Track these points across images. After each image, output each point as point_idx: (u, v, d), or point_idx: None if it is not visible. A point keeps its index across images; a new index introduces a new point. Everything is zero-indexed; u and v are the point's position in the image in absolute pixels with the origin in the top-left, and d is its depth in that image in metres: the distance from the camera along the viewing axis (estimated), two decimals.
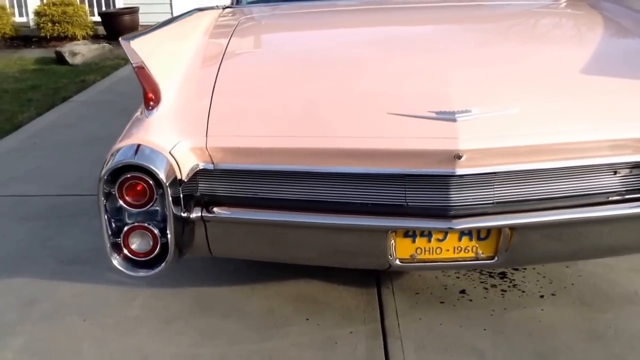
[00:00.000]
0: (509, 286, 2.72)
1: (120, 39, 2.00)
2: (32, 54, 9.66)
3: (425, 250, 2.08)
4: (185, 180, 1.98)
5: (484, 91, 2.05)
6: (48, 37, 10.50)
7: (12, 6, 11.93)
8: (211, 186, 2.09)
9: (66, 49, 8.42)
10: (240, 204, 2.09)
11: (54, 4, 10.67)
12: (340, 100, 2.10)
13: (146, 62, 1.96)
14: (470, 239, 2.06)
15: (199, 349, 2.37)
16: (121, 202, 1.91)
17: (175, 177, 1.94)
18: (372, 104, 2.05)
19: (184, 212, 2.00)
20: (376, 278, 2.81)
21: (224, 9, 3.49)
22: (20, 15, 12.00)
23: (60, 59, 8.50)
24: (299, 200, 2.06)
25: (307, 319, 2.54)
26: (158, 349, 2.38)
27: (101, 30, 11.04)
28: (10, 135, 5.33)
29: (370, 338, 2.41)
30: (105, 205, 1.92)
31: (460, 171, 1.91)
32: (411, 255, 2.09)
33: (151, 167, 1.86)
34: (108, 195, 1.92)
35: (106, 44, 9.21)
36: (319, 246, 2.13)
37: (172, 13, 11.36)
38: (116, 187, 1.89)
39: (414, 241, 2.07)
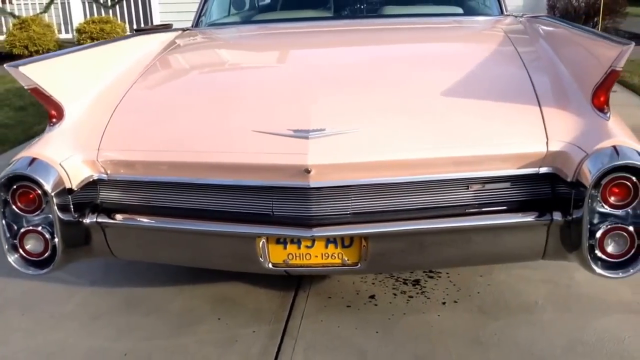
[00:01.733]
0: (417, 293, 2.86)
1: (5, 65, 2.27)
2: None
3: (296, 256, 2.26)
4: (77, 189, 2.22)
5: (342, 111, 2.22)
6: None
7: (58, 22, 12.66)
8: (108, 194, 2.33)
9: None
10: (134, 211, 2.32)
11: (93, 22, 11.30)
12: (215, 119, 2.33)
13: (42, 84, 2.22)
14: (336, 247, 2.23)
15: (111, 343, 2.60)
16: (15, 208, 2.17)
17: (64, 187, 2.18)
18: (242, 122, 2.26)
19: (75, 218, 2.24)
20: (297, 283, 2.99)
21: (183, 30, 3.76)
22: (66, 32, 12.72)
23: None
24: (183, 208, 2.28)
25: (219, 319, 2.74)
26: (77, 342, 2.62)
27: None
28: (21, 145, 5.75)
29: (269, 337, 2.59)
30: (3, 211, 2.18)
31: (314, 184, 2.09)
32: (284, 261, 2.27)
33: (37, 177, 2.11)
34: (5, 202, 2.18)
35: None
36: (200, 250, 2.34)
37: None
38: (9, 194, 2.15)
39: (285, 247, 2.25)
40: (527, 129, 2.12)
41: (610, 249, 2.05)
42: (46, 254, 2.24)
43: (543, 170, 2.09)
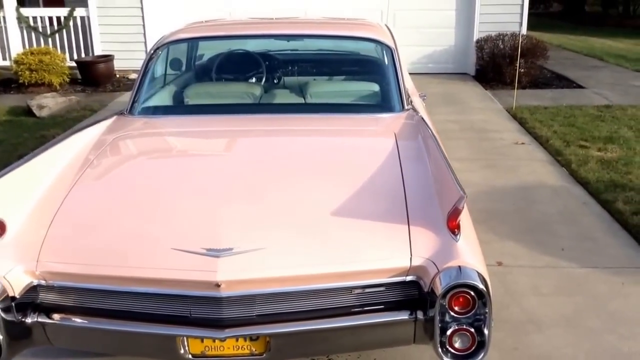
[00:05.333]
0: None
1: None
2: (8, 102, 10.24)
3: (211, 348, 2.68)
4: (19, 296, 2.59)
5: (246, 230, 2.68)
6: (26, 83, 11.16)
7: None
8: (47, 295, 2.71)
9: (34, 102, 9.06)
10: (69, 311, 2.70)
11: (32, 53, 11.33)
12: (137, 234, 2.75)
13: None
14: (245, 340, 2.66)
15: None
16: None
17: (8, 295, 2.56)
18: (160, 238, 2.69)
19: (18, 319, 2.61)
20: None
21: (119, 114, 4.12)
22: (4, 59, 12.70)
23: (30, 111, 9.16)
24: (113, 310, 2.67)
25: None
26: None
27: (79, 74, 11.73)
28: None
29: None
30: None
31: (225, 294, 2.53)
32: (201, 352, 2.69)
33: None
34: None
35: (74, 97, 9.84)
36: (128, 345, 2.75)
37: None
38: None
39: (202, 341, 2.67)
40: (397, 247, 2.63)
41: (457, 344, 2.58)
42: None
43: (409, 278, 2.61)
